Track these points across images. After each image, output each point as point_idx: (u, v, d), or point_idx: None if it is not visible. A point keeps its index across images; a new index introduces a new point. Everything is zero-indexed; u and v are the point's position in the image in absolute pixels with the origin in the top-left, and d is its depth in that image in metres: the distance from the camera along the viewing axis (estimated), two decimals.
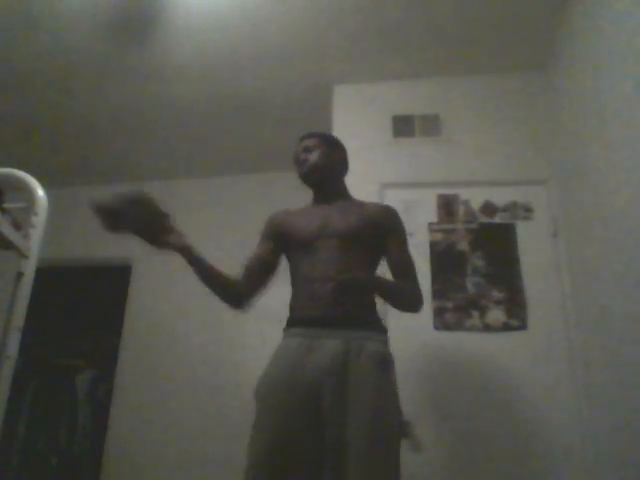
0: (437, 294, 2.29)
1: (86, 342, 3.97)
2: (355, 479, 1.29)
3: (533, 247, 2.33)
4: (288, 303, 1.62)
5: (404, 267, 1.63)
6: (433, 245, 2.37)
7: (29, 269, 1.36)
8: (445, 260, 2.35)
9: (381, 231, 1.64)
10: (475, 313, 2.25)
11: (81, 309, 4.13)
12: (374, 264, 1.65)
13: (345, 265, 1.53)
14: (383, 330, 1.57)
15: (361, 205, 1.72)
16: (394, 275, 1.63)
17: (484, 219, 2.40)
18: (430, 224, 2.41)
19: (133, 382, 3.18)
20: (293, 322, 1.57)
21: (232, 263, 1.68)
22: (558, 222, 2.33)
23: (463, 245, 2.37)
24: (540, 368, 2.14)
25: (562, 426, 2.05)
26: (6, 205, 1.36)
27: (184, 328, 3.24)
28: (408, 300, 1.62)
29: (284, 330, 1.59)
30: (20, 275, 1.34)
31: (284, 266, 1.71)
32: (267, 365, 1.54)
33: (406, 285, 1.61)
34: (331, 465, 1.34)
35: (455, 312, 2.26)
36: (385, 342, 1.55)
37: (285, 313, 1.63)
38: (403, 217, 1.71)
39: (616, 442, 1.78)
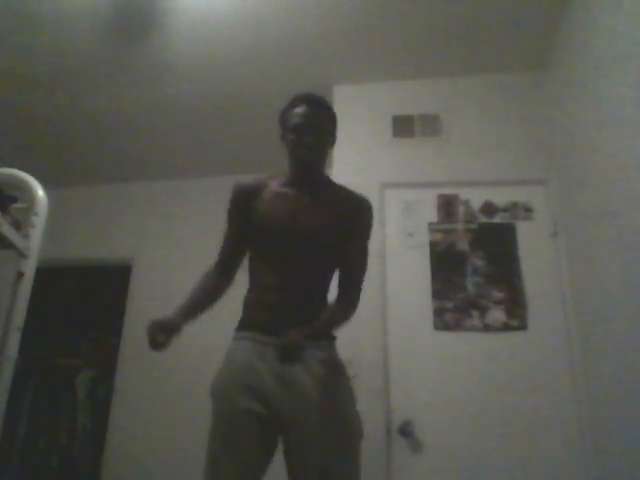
0: (437, 294, 2.29)
1: (86, 342, 3.97)
2: None
3: (533, 247, 2.33)
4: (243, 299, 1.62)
5: (354, 274, 1.59)
6: (433, 245, 2.37)
7: (29, 269, 1.36)
8: (445, 260, 2.35)
9: (348, 228, 1.58)
10: (475, 313, 2.25)
11: (81, 309, 4.13)
12: (334, 267, 1.61)
13: (308, 279, 1.54)
14: (332, 337, 1.56)
15: (334, 196, 1.63)
16: (340, 279, 1.59)
17: (484, 219, 2.40)
18: (430, 224, 2.41)
19: (133, 382, 3.18)
20: (245, 325, 1.57)
21: None
22: (558, 222, 2.33)
23: (463, 245, 2.37)
24: (540, 368, 2.14)
25: (562, 426, 2.05)
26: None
27: (184, 328, 3.23)
28: (345, 322, 1.59)
29: (236, 331, 1.60)
30: (20, 275, 1.34)
31: None
32: (221, 366, 1.57)
33: (340, 309, 1.58)
34: (296, 470, 1.39)
35: (455, 312, 2.26)
36: (334, 347, 1.55)
37: None
38: (403, 217, 1.69)
39: (617, 442, 1.78)
